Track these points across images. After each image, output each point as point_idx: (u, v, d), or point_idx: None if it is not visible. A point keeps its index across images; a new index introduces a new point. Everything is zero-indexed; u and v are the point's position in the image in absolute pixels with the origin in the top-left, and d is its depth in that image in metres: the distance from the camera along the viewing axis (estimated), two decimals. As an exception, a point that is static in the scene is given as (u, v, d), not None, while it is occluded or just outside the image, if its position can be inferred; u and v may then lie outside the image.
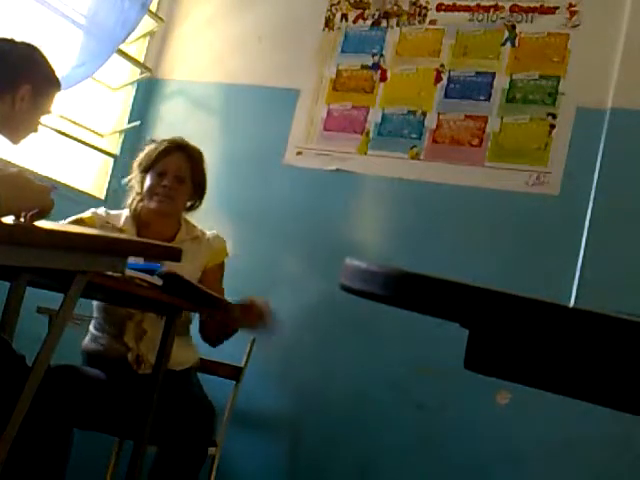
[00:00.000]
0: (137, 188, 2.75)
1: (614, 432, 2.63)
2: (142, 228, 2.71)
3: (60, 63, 2.78)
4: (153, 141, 2.79)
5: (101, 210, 2.74)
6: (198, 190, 2.76)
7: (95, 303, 2.72)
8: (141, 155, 2.76)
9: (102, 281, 2.08)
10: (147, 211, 2.70)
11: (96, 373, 2.57)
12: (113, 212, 2.76)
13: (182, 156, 2.71)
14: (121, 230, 2.66)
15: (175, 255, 1.91)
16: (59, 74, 2.32)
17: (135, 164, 2.77)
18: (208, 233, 2.80)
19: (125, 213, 2.74)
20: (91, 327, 2.73)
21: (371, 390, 3.07)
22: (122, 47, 3.51)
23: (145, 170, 2.71)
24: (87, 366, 2.66)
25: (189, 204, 2.78)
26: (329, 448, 3.11)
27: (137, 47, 3.78)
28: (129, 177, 2.80)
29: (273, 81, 3.54)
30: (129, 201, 2.77)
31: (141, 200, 2.72)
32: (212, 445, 2.65)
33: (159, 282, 2.33)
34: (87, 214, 2.70)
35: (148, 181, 2.69)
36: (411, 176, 3.20)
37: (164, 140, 2.75)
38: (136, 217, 2.72)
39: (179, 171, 2.69)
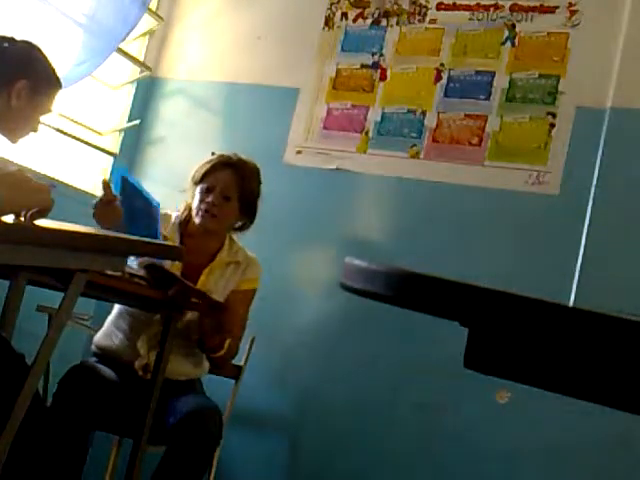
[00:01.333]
0: (189, 199, 2.73)
1: (614, 431, 2.63)
2: (185, 238, 2.69)
3: (60, 61, 2.77)
4: (213, 153, 2.75)
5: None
6: (247, 210, 2.71)
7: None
8: (196, 167, 2.73)
9: (102, 280, 2.08)
10: (192, 224, 2.69)
11: (110, 374, 2.57)
12: (162, 212, 2.73)
13: (230, 173, 2.66)
14: (165, 237, 2.62)
15: (175, 254, 1.91)
16: (59, 73, 2.31)
17: (191, 175, 2.75)
18: (249, 257, 2.75)
19: (173, 218, 2.72)
20: (108, 321, 2.72)
21: (371, 390, 3.07)
22: (122, 46, 3.51)
23: (196, 183, 2.69)
24: (93, 359, 2.67)
25: (239, 224, 2.74)
26: (329, 447, 3.11)
27: (137, 46, 3.78)
28: (186, 188, 2.77)
29: (273, 80, 3.54)
30: (181, 208, 2.75)
31: (189, 211, 2.70)
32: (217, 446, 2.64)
33: (141, 272, 2.33)
34: None
35: (196, 195, 2.67)
36: (411, 175, 3.20)
37: (220, 155, 2.72)
38: (182, 226, 2.71)
39: (226, 189, 2.64)
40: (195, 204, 2.66)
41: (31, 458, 1.93)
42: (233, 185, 2.65)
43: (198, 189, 2.67)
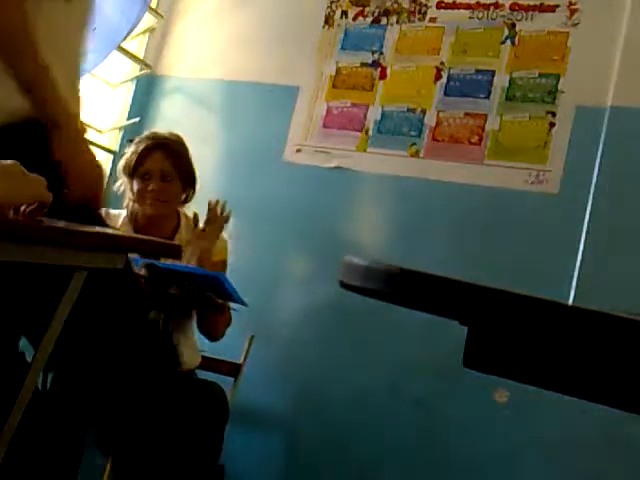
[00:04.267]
0: (129, 192, 2.70)
1: (613, 431, 2.63)
2: (140, 229, 2.68)
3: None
4: (130, 141, 2.72)
5: (101, 210, 2.72)
6: (188, 182, 2.71)
7: None
8: (123, 159, 2.71)
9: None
10: (143, 214, 2.68)
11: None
12: (113, 211, 2.73)
13: (163, 154, 2.64)
14: None
15: (175, 252, 1.90)
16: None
17: (119, 168, 2.72)
18: None
19: (123, 214, 2.72)
20: None
21: (370, 388, 3.07)
22: (122, 44, 3.50)
23: (130, 175, 2.67)
24: None
25: (184, 197, 2.73)
26: (328, 446, 3.11)
27: (137, 43, 3.78)
28: (118, 184, 2.75)
29: (273, 78, 3.54)
30: (125, 203, 2.73)
31: (135, 203, 2.68)
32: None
33: (142, 271, 2.33)
34: None
35: (135, 185, 2.66)
36: (410, 174, 3.20)
37: (141, 139, 2.69)
38: (133, 220, 2.70)
39: (163, 171, 2.63)
40: (138, 194, 2.65)
41: (28, 455, 1.93)
42: (169, 166, 2.64)
43: (135, 180, 2.66)
